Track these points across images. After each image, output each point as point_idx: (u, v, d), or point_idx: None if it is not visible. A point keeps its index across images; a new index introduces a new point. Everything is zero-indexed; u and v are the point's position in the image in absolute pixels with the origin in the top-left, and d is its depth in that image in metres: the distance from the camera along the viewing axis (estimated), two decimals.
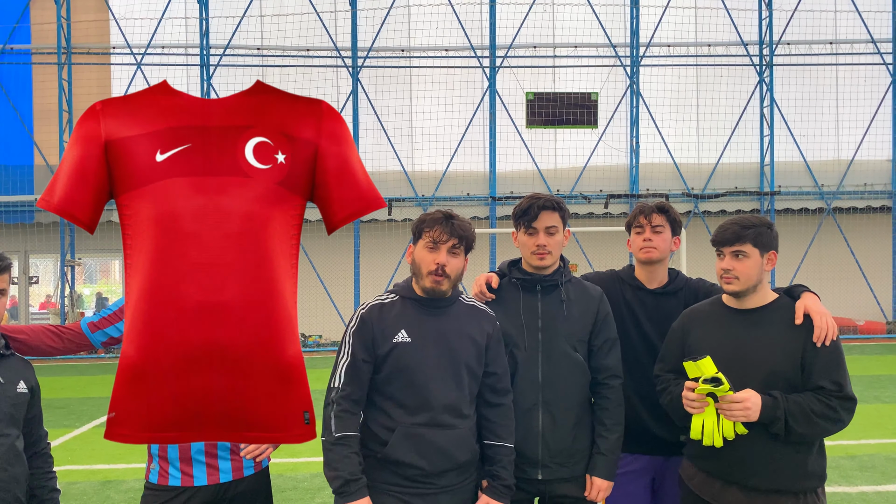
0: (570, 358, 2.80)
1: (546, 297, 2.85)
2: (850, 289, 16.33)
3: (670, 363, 2.83)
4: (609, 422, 2.83)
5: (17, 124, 15.70)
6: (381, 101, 16.37)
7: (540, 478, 2.79)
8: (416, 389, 2.54)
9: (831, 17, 16.84)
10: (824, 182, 16.78)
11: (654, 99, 16.63)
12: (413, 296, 2.65)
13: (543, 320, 2.82)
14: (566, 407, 2.78)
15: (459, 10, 16.33)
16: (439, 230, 2.56)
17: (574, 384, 2.81)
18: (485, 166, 16.52)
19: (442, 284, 2.58)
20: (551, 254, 2.83)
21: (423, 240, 2.61)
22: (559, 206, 2.87)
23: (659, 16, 16.54)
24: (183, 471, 2.65)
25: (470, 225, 2.64)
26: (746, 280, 2.63)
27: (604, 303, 2.91)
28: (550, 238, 2.82)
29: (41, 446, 2.63)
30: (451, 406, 2.56)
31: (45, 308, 19.05)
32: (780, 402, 2.49)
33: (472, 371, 2.62)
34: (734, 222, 2.68)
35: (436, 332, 2.60)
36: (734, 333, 2.68)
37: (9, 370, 2.46)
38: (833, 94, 17.01)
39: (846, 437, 6.98)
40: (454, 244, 2.57)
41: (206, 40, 15.90)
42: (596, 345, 2.85)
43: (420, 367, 2.55)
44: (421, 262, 2.60)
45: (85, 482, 6.07)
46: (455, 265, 2.60)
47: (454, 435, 2.56)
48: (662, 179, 16.67)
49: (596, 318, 2.86)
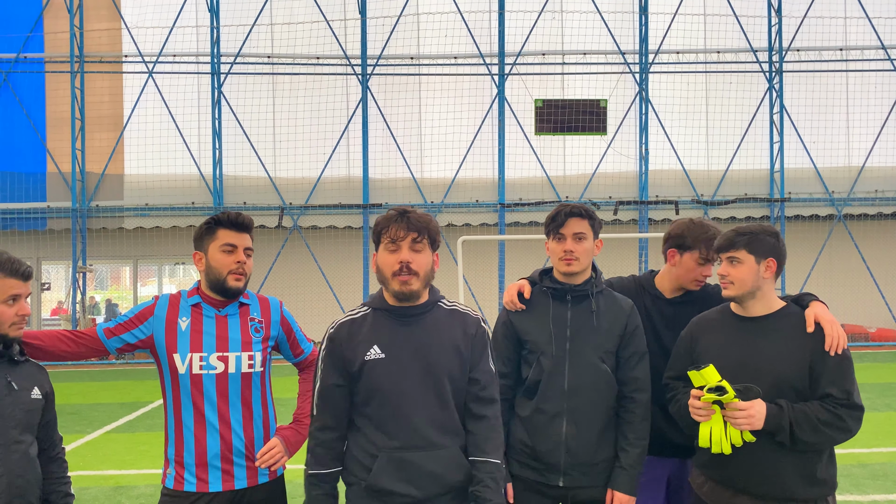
0: (597, 368, 2.79)
1: (576, 307, 2.84)
2: (861, 296, 16.23)
3: (679, 371, 2.84)
4: (632, 436, 2.80)
5: (30, 132, 15.85)
6: (391, 108, 16.43)
7: (561, 485, 2.79)
8: (394, 410, 2.37)
9: (841, 23, 16.79)
10: (835, 189, 16.70)
11: (663, 106, 16.62)
12: (385, 306, 2.46)
13: (572, 330, 2.81)
14: (591, 416, 2.77)
15: (468, 17, 16.39)
16: (395, 228, 2.39)
17: (600, 394, 2.79)
18: (494, 173, 16.54)
19: (411, 284, 2.38)
20: (579, 260, 2.82)
21: (382, 243, 2.43)
22: (588, 213, 2.86)
23: (668, 23, 16.54)
24: (199, 476, 2.68)
25: (430, 218, 2.46)
26: (741, 285, 2.66)
27: (633, 315, 2.87)
28: (578, 244, 2.82)
29: (56, 451, 2.66)
30: (437, 423, 2.39)
31: (57, 314, 19.15)
32: (785, 410, 2.49)
33: (456, 383, 2.44)
34: (733, 229, 2.74)
35: (412, 344, 2.41)
36: (741, 341, 2.68)
37: (23, 376, 2.49)
38: (843, 100, 16.94)
39: (858, 446, 6.94)
40: (414, 238, 2.38)
41: (217, 48, 16.02)
42: (624, 357, 2.83)
43: (396, 385, 2.37)
44: (384, 265, 2.41)
45: (96, 488, 6.11)
46: (421, 261, 2.40)
47: (443, 455, 2.39)
48: (672, 186, 16.64)
49: (625, 331, 2.83)
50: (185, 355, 2.67)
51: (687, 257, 3.07)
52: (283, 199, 16.14)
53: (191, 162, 16.12)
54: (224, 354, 2.69)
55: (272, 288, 15.99)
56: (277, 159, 16.41)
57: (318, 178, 16.24)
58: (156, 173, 16.10)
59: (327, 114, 16.39)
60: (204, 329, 2.70)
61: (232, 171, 16.32)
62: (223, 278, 2.70)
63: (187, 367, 2.67)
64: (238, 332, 2.73)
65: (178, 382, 2.68)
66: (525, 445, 2.82)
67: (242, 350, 2.71)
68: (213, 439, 2.67)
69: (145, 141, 16.09)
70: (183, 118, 16.10)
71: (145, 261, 17.42)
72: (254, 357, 2.73)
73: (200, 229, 2.78)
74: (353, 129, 16.41)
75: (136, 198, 16.08)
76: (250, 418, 2.73)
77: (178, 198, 16.06)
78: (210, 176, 16.07)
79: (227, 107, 16.15)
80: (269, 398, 2.84)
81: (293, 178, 16.32)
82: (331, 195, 16.28)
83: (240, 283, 2.73)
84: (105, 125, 16.13)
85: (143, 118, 16.09)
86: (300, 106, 16.33)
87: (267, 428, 2.79)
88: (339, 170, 16.49)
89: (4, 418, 2.39)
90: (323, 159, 16.28)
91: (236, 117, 16.16)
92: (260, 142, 16.27)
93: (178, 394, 2.69)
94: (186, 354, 2.67)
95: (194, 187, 16.16)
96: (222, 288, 2.72)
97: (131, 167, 16.22)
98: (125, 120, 16.09)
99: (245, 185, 16.30)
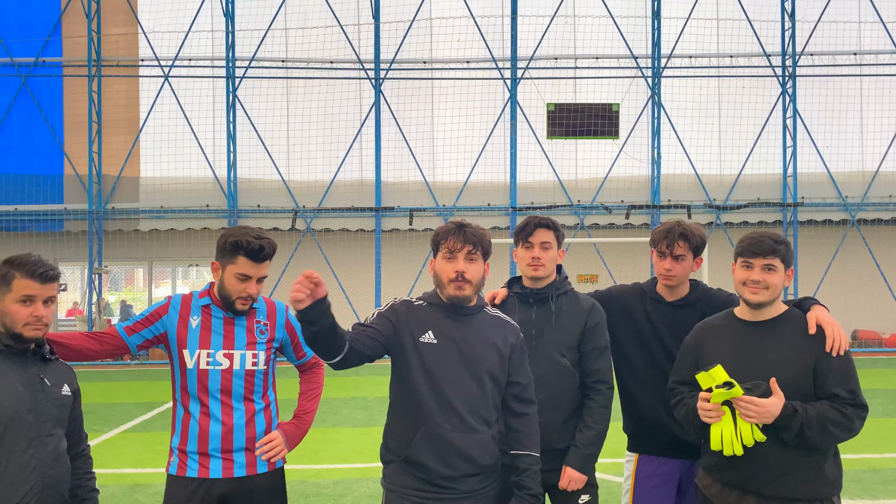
0: (557, 363, 3.06)
1: (539, 309, 3.13)
2: (874, 301, 16.15)
3: (683, 376, 2.88)
4: (589, 420, 3.06)
5: (48, 135, 16.07)
6: (404, 112, 16.52)
7: None
8: (439, 391, 2.62)
9: (855, 27, 16.73)
10: (848, 193, 16.63)
11: (675, 110, 16.62)
12: (440, 303, 2.75)
13: (536, 329, 3.09)
14: (552, 407, 3.00)
15: (481, 22, 16.46)
16: (453, 240, 2.67)
17: (560, 387, 3.05)
18: (506, 177, 16.59)
19: (464, 290, 2.67)
20: (545, 266, 3.11)
21: (440, 252, 2.72)
22: (554, 225, 3.17)
23: (681, 27, 16.55)
24: (200, 463, 2.85)
25: (484, 231, 2.75)
26: (774, 291, 2.69)
27: (594, 313, 3.13)
28: (545, 252, 3.12)
29: (82, 447, 2.79)
30: (474, 410, 2.65)
31: (73, 315, 19.34)
32: (800, 413, 2.53)
33: (495, 378, 2.71)
34: (765, 235, 2.74)
35: (460, 337, 2.69)
36: (747, 345, 2.72)
37: (54, 374, 2.61)
38: (857, 104, 16.87)
39: (869, 451, 6.93)
40: (469, 250, 2.67)
41: (232, 53, 16.18)
42: (585, 351, 3.10)
43: (444, 369, 2.64)
44: (441, 272, 2.71)
45: (114, 486, 6.21)
46: (474, 271, 2.69)
47: (477, 439, 2.64)
48: (684, 190, 16.62)
49: (584, 327, 3.10)
50: (194, 351, 2.86)
51: (654, 253, 3.29)
52: (297, 202, 16.26)
53: (205, 165, 16.28)
54: (230, 352, 2.88)
55: (284, 290, 16.06)
56: (291, 162, 16.55)
57: (331, 181, 16.36)
58: (171, 176, 16.26)
59: (340, 117, 16.51)
60: (212, 328, 2.89)
61: (246, 174, 16.46)
62: (232, 301, 2.87)
63: (195, 362, 2.85)
64: (244, 332, 2.91)
65: (186, 376, 2.87)
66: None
67: (247, 349, 2.90)
68: (216, 430, 2.84)
69: (161, 144, 16.27)
70: (198, 121, 16.26)
71: (160, 262, 17.59)
72: (257, 356, 2.91)
73: (223, 244, 2.85)
74: (365, 133, 16.51)
75: (151, 200, 16.25)
76: (252, 412, 2.90)
77: (193, 200, 16.22)
78: (224, 179, 16.22)
79: (241, 110, 16.30)
80: (272, 395, 3.02)
81: (306, 181, 16.45)
82: (343, 198, 16.39)
83: (245, 307, 2.89)
84: (121, 128, 16.33)
85: (159, 121, 16.28)
86: (314, 109, 16.46)
87: (269, 422, 2.96)
88: (352, 173, 16.60)
89: (38, 413, 2.49)
90: (336, 162, 16.39)
91: (251, 121, 16.31)
92: (274, 145, 16.41)
93: (185, 387, 2.88)
94: (195, 351, 2.86)
95: (209, 190, 16.32)
96: (229, 307, 2.89)
97: (147, 170, 16.41)
98: (141, 123, 16.28)
99: (259, 188, 16.44)
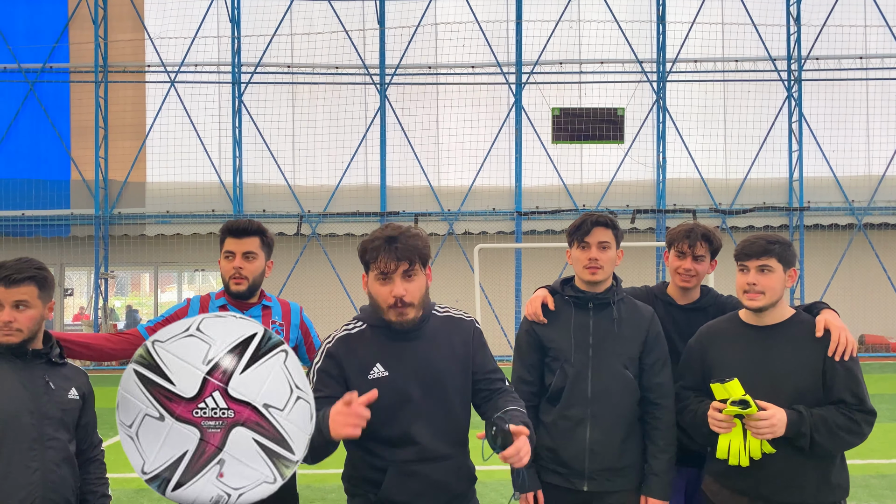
0: (621, 375, 2.84)
1: (598, 315, 2.89)
2: (881, 306, 16.06)
3: (689, 381, 2.85)
4: (662, 442, 2.84)
5: (55, 140, 16.14)
6: (409, 116, 16.55)
7: (586, 489, 2.84)
8: (401, 425, 2.34)
9: (861, 31, 16.69)
10: (855, 197, 16.57)
11: (680, 114, 16.59)
12: (381, 323, 2.37)
13: (595, 338, 2.86)
14: (615, 422, 2.82)
15: (486, 27, 16.48)
16: (384, 259, 2.27)
17: (623, 401, 2.84)
18: (510, 181, 16.58)
19: (407, 314, 2.31)
20: (603, 269, 2.88)
21: (371, 272, 2.33)
22: (613, 223, 2.91)
23: (686, 31, 16.53)
24: None
25: (418, 237, 2.34)
26: (772, 295, 2.64)
27: (654, 322, 2.92)
28: (603, 253, 2.88)
29: (94, 453, 2.76)
30: (443, 435, 2.40)
31: (79, 320, 19.40)
32: (805, 417, 2.52)
33: (461, 391, 2.45)
34: (759, 237, 2.68)
35: (413, 359, 2.36)
36: (756, 350, 2.69)
37: (61, 377, 2.60)
38: (863, 108, 16.82)
39: (876, 457, 6.89)
40: (405, 269, 2.28)
41: (238, 58, 16.24)
42: (647, 363, 2.88)
43: (403, 403, 2.34)
44: (377, 296, 2.33)
45: (119, 490, 6.21)
46: (415, 290, 2.31)
47: (450, 465, 2.42)
48: (689, 195, 16.59)
49: (647, 338, 2.88)
50: None
51: (671, 253, 3.18)
52: (302, 207, 16.29)
53: (211, 170, 16.32)
54: None
55: (290, 294, 16.11)
56: (296, 167, 16.58)
57: (336, 186, 16.39)
58: (177, 181, 16.31)
59: (346, 122, 16.54)
60: None
61: (252, 179, 16.50)
62: (227, 283, 2.88)
63: None
64: None
65: None
66: (550, 451, 2.86)
67: None
68: None
69: (167, 149, 16.33)
70: (204, 127, 16.32)
71: (165, 267, 17.63)
72: None
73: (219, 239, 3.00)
74: (371, 138, 16.54)
75: (157, 205, 16.31)
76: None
77: (199, 205, 16.26)
78: (230, 184, 16.27)
79: (247, 115, 16.35)
80: None
81: (312, 186, 16.48)
82: (349, 203, 16.41)
83: (241, 287, 2.85)
84: (128, 134, 16.39)
85: (165, 127, 16.34)
86: (319, 114, 16.50)
87: None
88: (357, 178, 16.62)
89: (41, 416, 2.48)
90: (341, 167, 16.42)
91: (256, 126, 16.36)
92: (279, 150, 16.45)
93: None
94: None
95: (214, 195, 16.36)
96: (228, 292, 2.91)
97: (153, 175, 16.46)
98: (147, 128, 16.34)
99: (264, 193, 16.47)
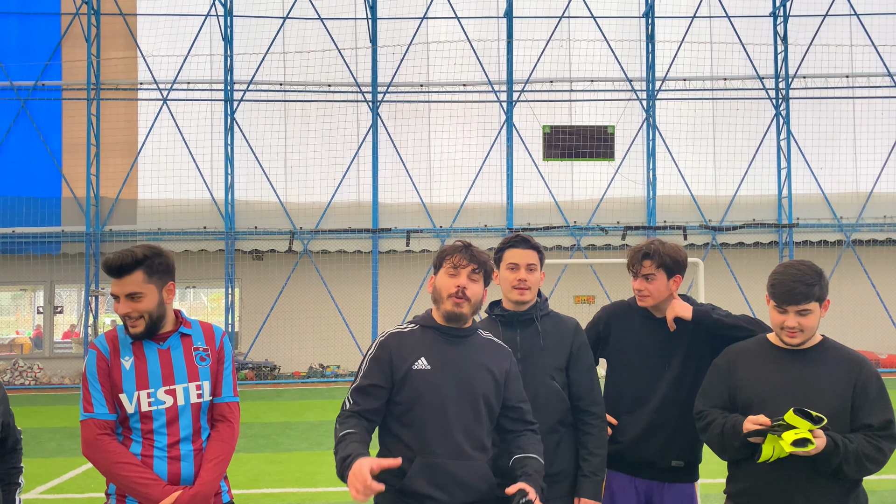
0: (548, 386, 2.99)
1: (524, 331, 3.05)
2: (870, 322, 16.16)
3: (714, 399, 2.84)
4: (592, 446, 3.00)
5: (46, 157, 16.13)
6: (400, 134, 16.63)
7: None
8: (434, 417, 2.59)
9: (847, 51, 16.92)
10: (843, 214, 16.71)
11: (670, 132, 16.73)
12: (433, 324, 2.74)
13: (522, 352, 3.01)
14: (545, 432, 2.92)
15: (477, 46, 16.63)
16: (459, 256, 2.70)
17: (553, 409, 2.99)
18: (502, 198, 16.66)
19: (462, 307, 2.67)
20: (531, 289, 3.04)
21: (444, 267, 2.73)
22: (537, 246, 3.11)
23: (675, 50, 16.71)
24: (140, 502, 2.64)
25: (489, 256, 2.79)
26: (811, 331, 2.69)
27: (578, 334, 3.10)
28: (530, 274, 3.04)
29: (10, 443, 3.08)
30: (470, 435, 2.61)
31: (69, 337, 19.27)
32: (840, 449, 2.52)
33: (490, 404, 2.68)
34: (797, 280, 2.63)
35: (455, 361, 2.66)
36: (788, 372, 2.71)
37: None
38: (850, 126, 17.01)
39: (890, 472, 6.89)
40: (473, 269, 2.69)
41: (231, 76, 16.31)
42: (575, 373, 3.04)
43: (439, 395, 2.60)
44: (442, 286, 2.71)
45: None
46: (474, 290, 2.69)
47: (474, 467, 2.61)
48: (679, 211, 16.70)
49: (571, 349, 3.05)
50: (133, 394, 2.64)
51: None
52: (294, 224, 16.30)
53: (203, 187, 16.33)
54: (171, 388, 2.67)
55: (282, 312, 16.09)
56: (288, 184, 16.61)
57: (328, 203, 16.41)
58: (169, 198, 16.31)
59: (338, 140, 16.60)
60: (148, 365, 2.67)
61: (244, 197, 16.52)
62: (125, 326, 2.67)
63: (136, 405, 2.63)
64: (183, 363, 2.71)
65: (128, 420, 2.65)
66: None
67: (189, 381, 2.70)
68: (160, 470, 2.63)
69: (159, 166, 16.33)
70: (196, 144, 16.34)
71: None
72: (202, 386, 2.72)
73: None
74: (363, 155, 16.60)
75: (148, 222, 16.28)
76: (200, 448, 2.72)
77: (191, 222, 16.25)
78: (222, 201, 16.27)
79: (239, 133, 16.40)
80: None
81: (304, 203, 16.50)
82: (341, 220, 16.43)
83: (138, 329, 2.66)
84: (119, 151, 16.40)
85: (157, 144, 16.36)
86: (311, 132, 16.56)
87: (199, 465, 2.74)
88: (349, 195, 16.66)
89: None
90: (333, 184, 16.46)
91: (248, 143, 16.40)
92: (271, 167, 16.48)
93: (127, 431, 2.66)
94: (133, 393, 2.64)
95: (206, 212, 16.35)
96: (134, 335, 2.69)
97: (145, 192, 16.45)
98: (139, 146, 16.36)
99: (256, 210, 16.48)
